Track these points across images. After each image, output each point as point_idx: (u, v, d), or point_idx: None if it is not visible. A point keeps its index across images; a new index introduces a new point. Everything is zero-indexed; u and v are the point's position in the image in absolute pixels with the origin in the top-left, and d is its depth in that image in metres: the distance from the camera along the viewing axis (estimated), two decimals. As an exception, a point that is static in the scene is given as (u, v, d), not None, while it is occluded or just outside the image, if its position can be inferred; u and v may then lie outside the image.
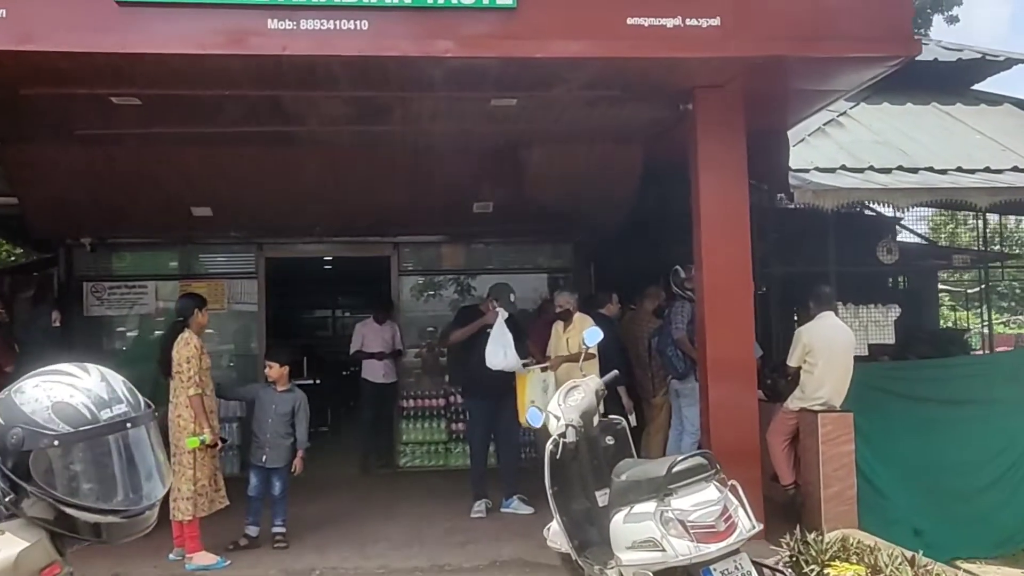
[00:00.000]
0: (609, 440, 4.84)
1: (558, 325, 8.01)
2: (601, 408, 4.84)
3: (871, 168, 8.72)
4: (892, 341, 8.69)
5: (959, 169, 8.88)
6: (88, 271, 10.53)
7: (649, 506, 4.00)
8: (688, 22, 5.70)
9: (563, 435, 4.54)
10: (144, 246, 10.65)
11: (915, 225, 13.03)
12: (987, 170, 8.86)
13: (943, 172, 8.85)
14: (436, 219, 10.07)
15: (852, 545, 5.37)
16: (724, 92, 6.45)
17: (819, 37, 5.64)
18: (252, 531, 6.77)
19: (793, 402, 6.91)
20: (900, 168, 8.78)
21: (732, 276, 6.39)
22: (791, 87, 6.54)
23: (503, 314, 7.71)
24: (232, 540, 6.73)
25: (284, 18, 5.42)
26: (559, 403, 4.73)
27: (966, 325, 16.05)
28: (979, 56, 11.09)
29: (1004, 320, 22.83)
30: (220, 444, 6.35)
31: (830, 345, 6.78)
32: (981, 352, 11.59)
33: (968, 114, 10.71)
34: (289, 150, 8.41)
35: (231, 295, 10.72)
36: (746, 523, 4.05)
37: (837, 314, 7.19)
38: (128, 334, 10.80)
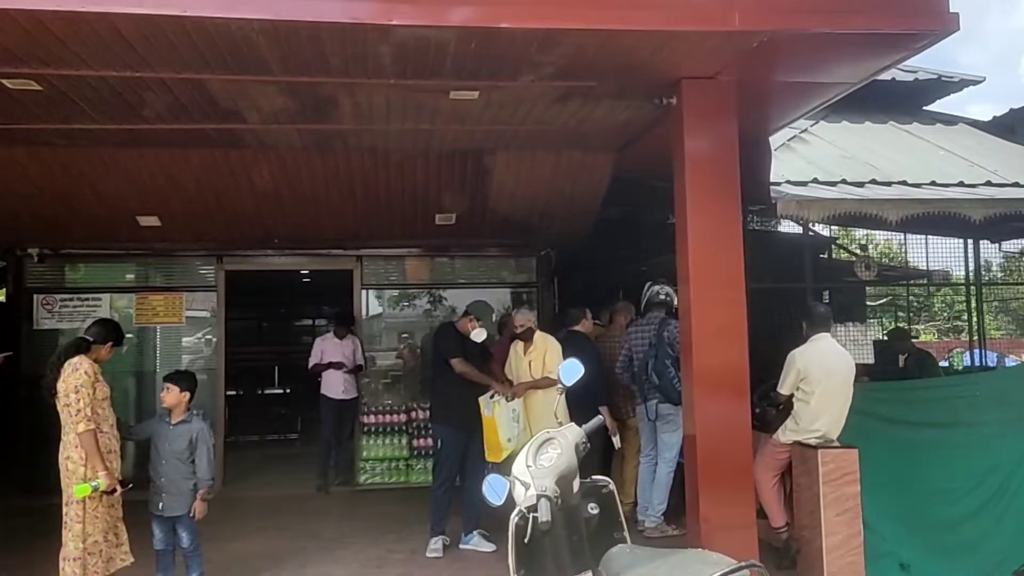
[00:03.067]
0: (592, 509, 3.11)
1: (517, 346, 6.31)
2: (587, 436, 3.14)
3: (844, 182, 7.13)
4: (871, 360, 7.08)
5: (933, 183, 7.33)
6: (38, 283, 8.63)
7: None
8: (683, -11, 4.05)
9: (533, 509, 2.84)
10: (98, 257, 8.73)
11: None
12: (961, 184, 7.31)
13: (917, 186, 7.30)
14: (397, 231, 8.30)
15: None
16: (715, 84, 4.78)
17: (846, 10, 3.98)
18: (162, 592, 4.86)
19: (785, 434, 5.24)
20: (874, 182, 7.20)
21: (724, 285, 4.71)
22: (791, 78, 4.88)
23: (481, 334, 6.12)
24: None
25: (185, -30, 3.68)
26: (527, 463, 3.01)
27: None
28: (935, 77, 9.60)
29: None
30: (119, 489, 4.47)
31: (827, 371, 5.14)
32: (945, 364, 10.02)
33: (926, 132, 9.21)
34: (236, 152, 6.60)
35: (190, 307, 8.91)
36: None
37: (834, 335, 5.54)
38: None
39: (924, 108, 10.02)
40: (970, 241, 9.96)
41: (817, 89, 5.09)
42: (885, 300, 14.93)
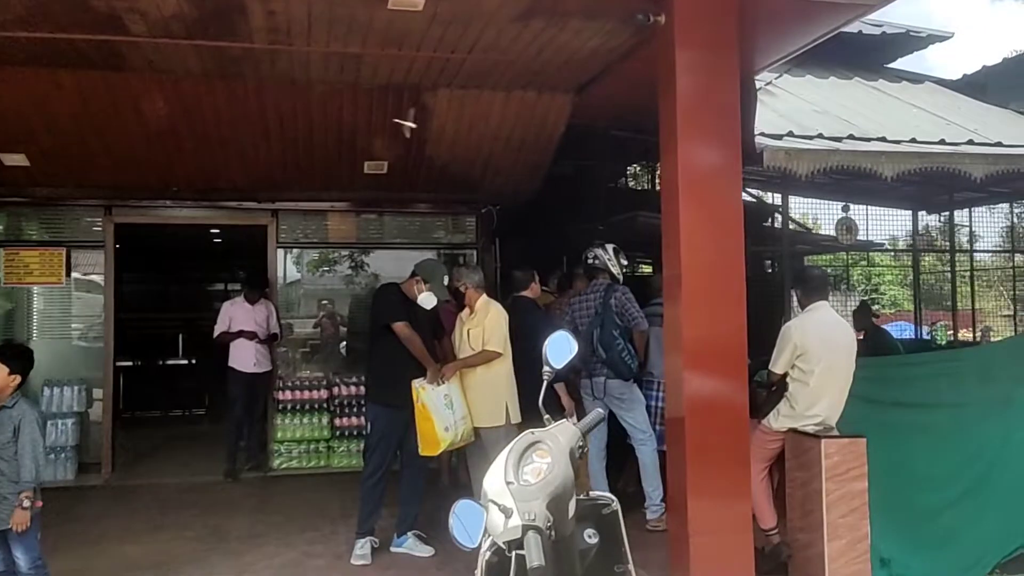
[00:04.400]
0: (591, 537, 2.29)
1: (462, 314, 5.43)
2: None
3: (821, 136, 6.47)
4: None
5: (914, 140, 6.76)
6: None
7: None
8: None
9: (517, 544, 2.00)
10: (-41, 204, 7.43)
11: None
12: (943, 142, 6.75)
13: (897, 143, 6.72)
14: (319, 181, 7.26)
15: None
16: (714, -3, 3.97)
17: None
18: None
19: (778, 419, 4.51)
20: (852, 138, 6.55)
21: (720, 247, 3.92)
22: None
23: (429, 299, 5.06)
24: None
25: None
26: (507, 479, 2.15)
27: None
28: (903, 31, 9.05)
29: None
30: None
31: (829, 346, 4.43)
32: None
33: (895, 90, 8.66)
34: (119, 77, 5.45)
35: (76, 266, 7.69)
36: None
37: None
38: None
39: (887, 65, 9.52)
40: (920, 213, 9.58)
41: (830, 10, 4.31)
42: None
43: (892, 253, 13.47)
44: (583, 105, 6.12)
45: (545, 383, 2.46)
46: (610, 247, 5.72)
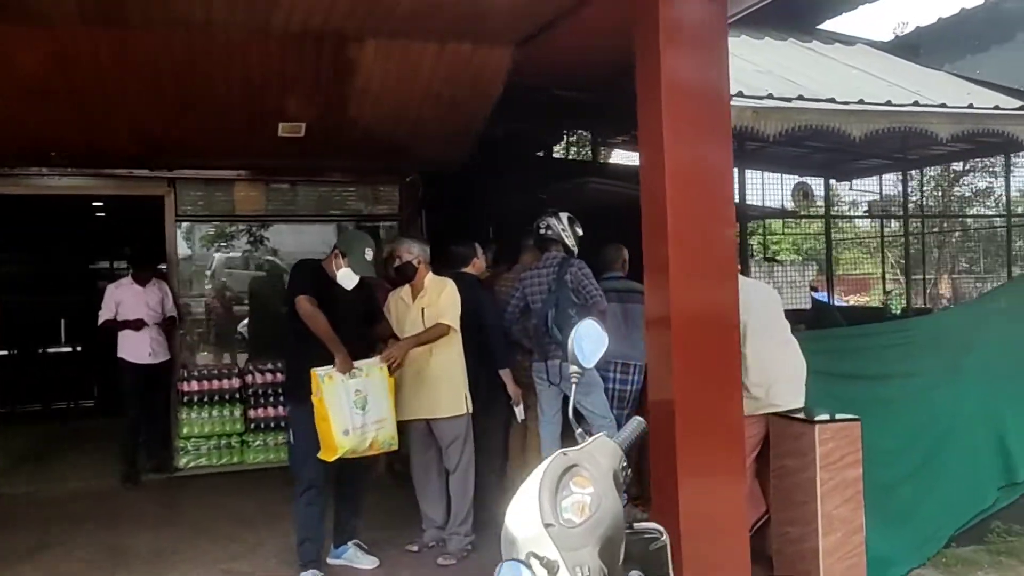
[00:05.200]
0: (638, 580, 1.82)
1: (402, 293, 4.84)
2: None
3: (770, 96, 6.18)
4: (808, 306, 6.24)
5: (861, 102, 6.54)
6: None
7: None
8: None
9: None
10: None
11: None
12: (889, 104, 6.57)
13: (846, 104, 6.50)
14: (224, 145, 6.44)
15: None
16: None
17: None
18: None
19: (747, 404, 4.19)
20: (800, 98, 6.30)
21: (709, 210, 3.48)
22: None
23: (349, 277, 4.32)
24: None
25: None
26: (545, 520, 1.63)
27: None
28: (835, -10, 8.91)
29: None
30: None
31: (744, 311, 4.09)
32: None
33: (830, 51, 8.50)
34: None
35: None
36: None
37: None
38: None
39: (819, 27, 9.35)
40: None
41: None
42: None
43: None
44: (524, 60, 5.56)
45: (573, 388, 1.93)
46: (564, 216, 5.23)
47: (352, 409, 4.16)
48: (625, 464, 1.83)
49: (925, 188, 15.70)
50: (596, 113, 7.24)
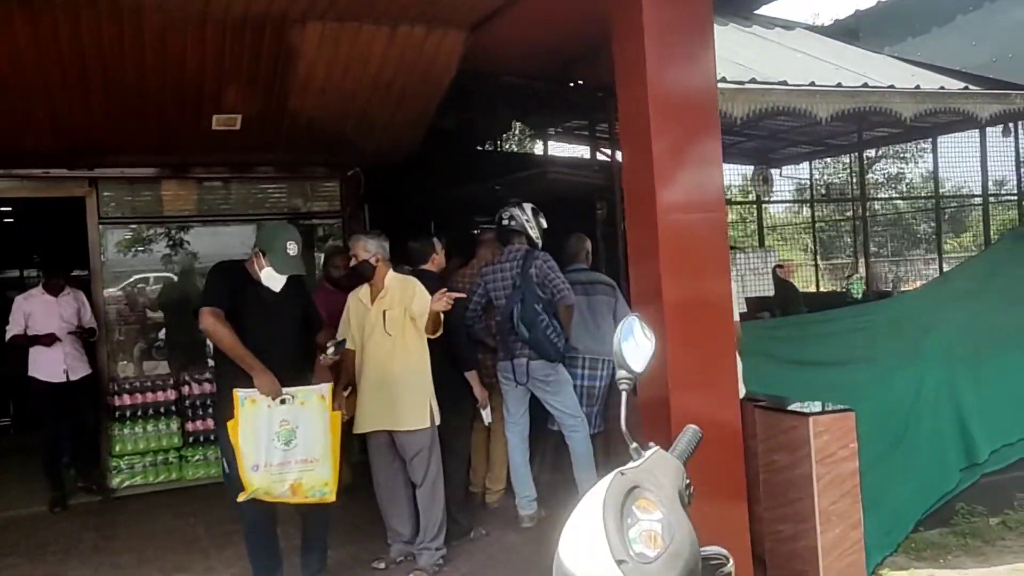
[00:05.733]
0: (710, 613, 1.63)
1: (361, 294, 4.53)
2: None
3: (723, 80, 6.10)
4: (772, 293, 6.18)
5: (812, 84, 6.54)
6: None
7: None
8: None
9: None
10: None
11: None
12: (840, 86, 6.58)
13: (798, 87, 6.48)
14: (154, 140, 5.98)
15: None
16: None
17: None
18: None
19: None
20: (753, 81, 6.26)
21: (700, 198, 3.32)
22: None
23: (275, 278, 3.79)
24: None
25: None
26: (616, 555, 1.41)
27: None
28: (772, -24, 8.93)
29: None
30: None
31: None
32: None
33: (772, 36, 8.53)
34: None
35: None
36: None
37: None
38: None
39: (756, 12, 9.38)
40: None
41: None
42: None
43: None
44: (478, 46, 5.33)
45: (624, 396, 1.72)
46: (528, 207, 5.01)
47: (271, 442, 3.58)
48: (688, 482, 1.63)
49: (839, 175, 16.19)
50: (543, 104, 7.06)
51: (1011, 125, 7.35)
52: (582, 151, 9.85)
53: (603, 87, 5.81)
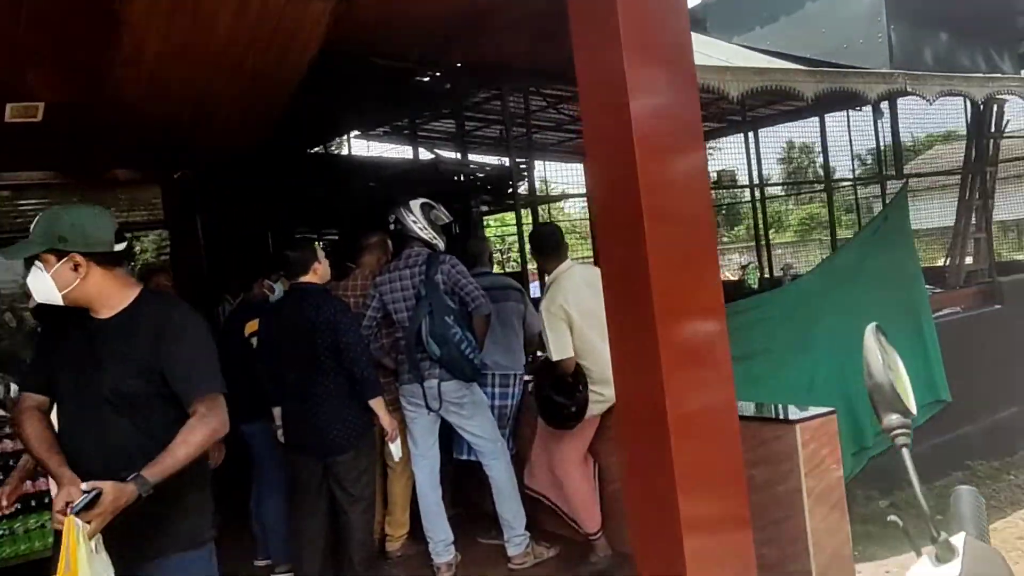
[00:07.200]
0: None
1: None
2: None
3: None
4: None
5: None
6: None
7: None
8: None
9: None
10: None
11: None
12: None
13: (712, 65, 6.32)
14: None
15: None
16: None
17: None
18: None
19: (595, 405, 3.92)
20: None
21: (683, 191, 2.82)
22: None
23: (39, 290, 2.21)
24: None
25: None
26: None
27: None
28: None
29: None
30: None
31: (593, 302, 3.68)
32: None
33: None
34: None
35: None
36: None
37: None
38: None
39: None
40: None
41: None
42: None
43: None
44: (347, 19, 4.56)
45: (906, 455, 1.14)
46: (416, 204, 4.30)
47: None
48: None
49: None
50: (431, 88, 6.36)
51: (883, 106, 7.59)
52: (404, 151, 9.17)
53: (485, 66, 5.23)
